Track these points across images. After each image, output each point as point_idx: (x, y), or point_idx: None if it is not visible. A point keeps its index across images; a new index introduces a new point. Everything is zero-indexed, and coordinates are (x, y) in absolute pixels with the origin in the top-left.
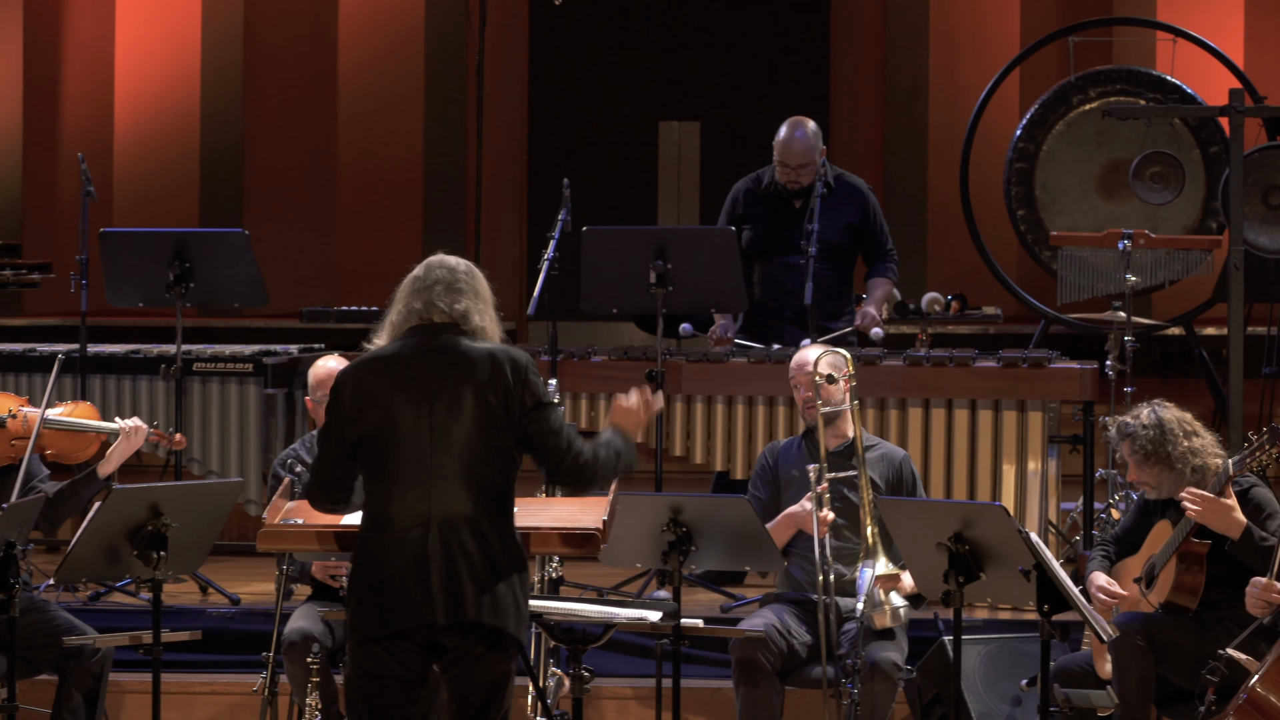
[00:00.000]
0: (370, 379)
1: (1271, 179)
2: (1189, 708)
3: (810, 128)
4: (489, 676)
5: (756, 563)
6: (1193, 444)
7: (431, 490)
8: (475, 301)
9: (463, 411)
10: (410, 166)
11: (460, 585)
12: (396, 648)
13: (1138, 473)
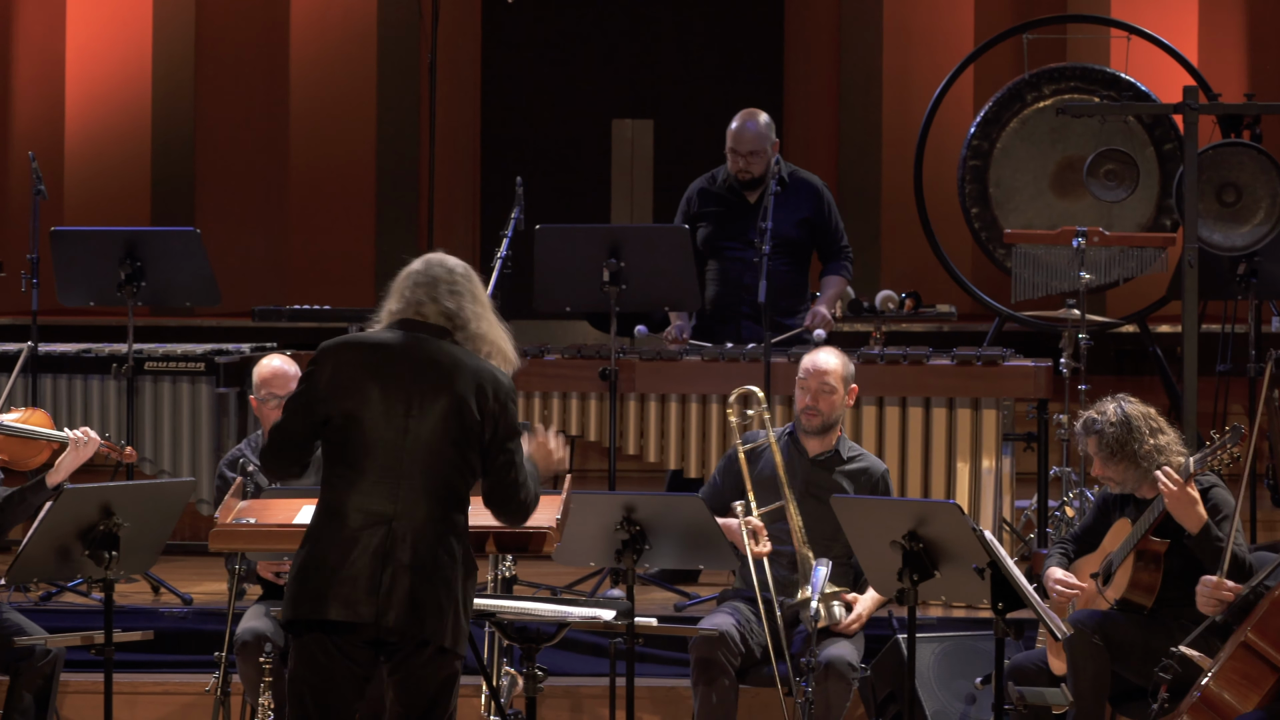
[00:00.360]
0: (351, 362)
1: (1226, 176)
2: (1144, 705)
3: (762, 119)
4: (435, 680)
5: (710, 561)
6: (1158, 441)
7: (398, 494)
8: (475, 305)
9: (437, 418)
10: (363, 165)
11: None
12: (342, 642)
13: (1102, 468)
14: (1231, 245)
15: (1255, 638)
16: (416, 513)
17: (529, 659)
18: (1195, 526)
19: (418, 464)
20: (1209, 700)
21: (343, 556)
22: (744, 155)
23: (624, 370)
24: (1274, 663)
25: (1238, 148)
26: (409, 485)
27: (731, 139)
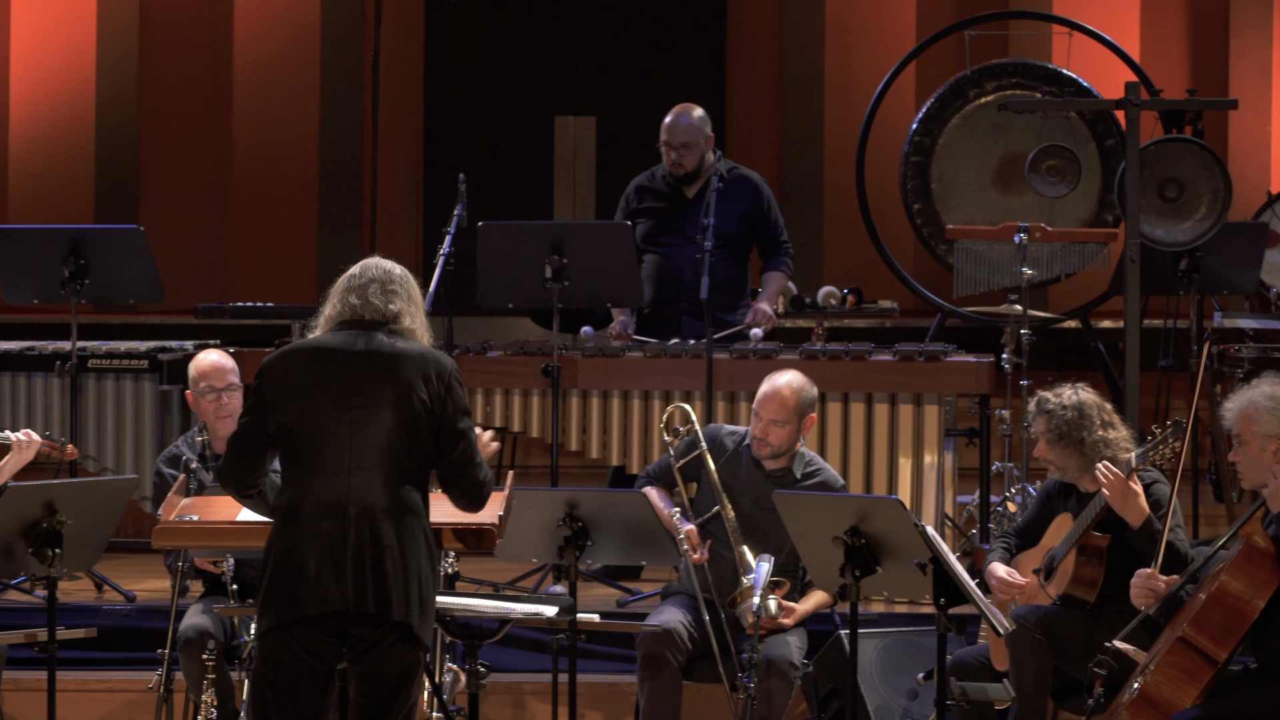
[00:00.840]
0: (293, 368)
1: (1168, 172)
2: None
3: (696, 113)
4: (396, 668)
5: (653, 557)
6: (1107, 435)
7: (349, 482)
8: (408, 304)
9: (383, 408)
10: (306, 163)
11: (370, 577)
12: (306, 636)
13: (1047, 450)
14: (1173, 241)
15: (1192, 632)
16: (371, 496)
17: (471, 655)
18: (1137, 520)
19: (370, 453)
20: (1148, 696)
21: (305, 553)
22: (676, 148)
23: (566, 367)
24: (1211, 656)
25: (1180, 143)
26: (361, 472)
27: (665, 132)
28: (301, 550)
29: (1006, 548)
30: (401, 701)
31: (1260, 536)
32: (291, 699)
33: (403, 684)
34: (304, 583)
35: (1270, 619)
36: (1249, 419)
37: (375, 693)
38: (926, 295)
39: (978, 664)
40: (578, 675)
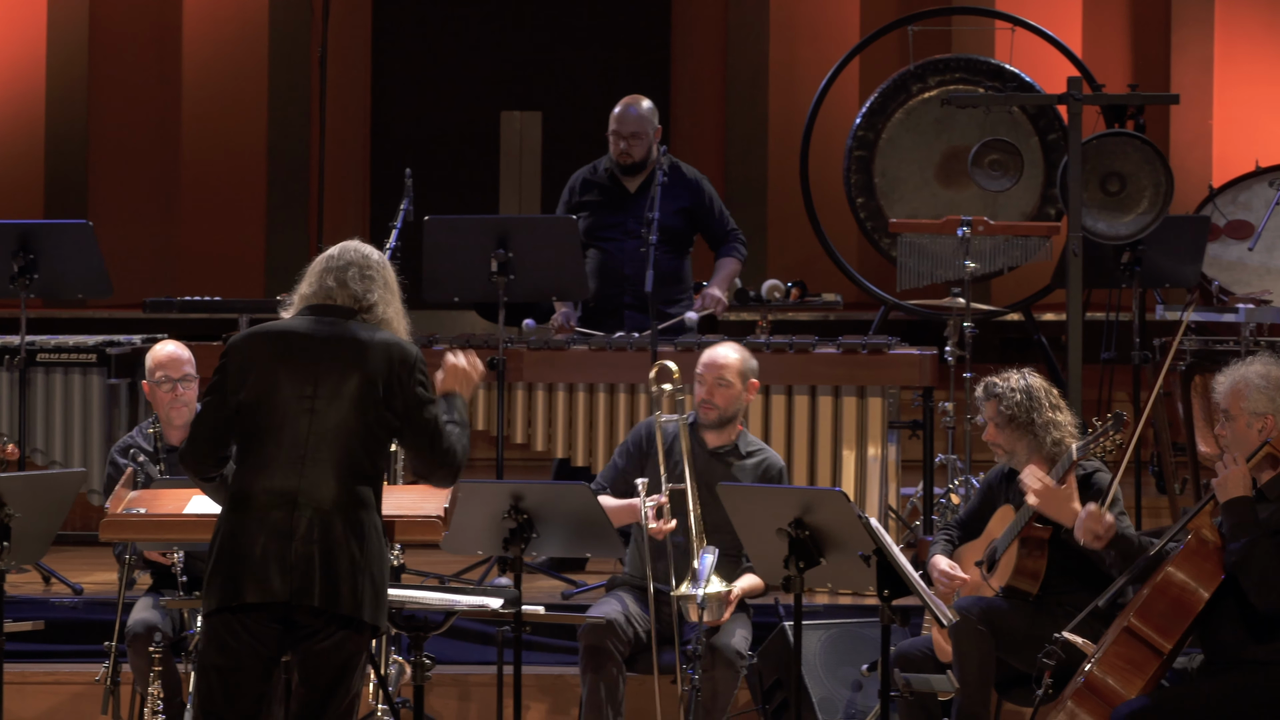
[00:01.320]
0: (258, 350)
1: (1109, 166)
2: (1029, 691)
3: (644, 103)
4: (339, 658)
5: (597, 549)
6: (1055, 417)
7: (303, 471)
8: (384, 291)
9: (344, 397)
10: (254, 157)
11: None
12: (249, 621)
13: (996, 434)
14: (1115, 234)
15: (1138, 623)
16: (323, 489)
17: (416, 647)
18: (1070, 522)
19: (325, 443)
20: (1093, 686)
21: (252, 539)
22: (626, 138)
23: (512, 360)
24: (1156, 647)
25: (1121, 138)
26: (315, 463)
27: (614, 121)
28: (249, 536)
29: (949, 540)
30: (344, 692)
31: (1208, 529)
32: (236, 681)
33: (345, 674)
34: (249, 569)
35: (1217, 610)
36: (1239, 394)
37: (317, 682)
38: (870, 288)
39: (921, 655)
40: (523, 667)
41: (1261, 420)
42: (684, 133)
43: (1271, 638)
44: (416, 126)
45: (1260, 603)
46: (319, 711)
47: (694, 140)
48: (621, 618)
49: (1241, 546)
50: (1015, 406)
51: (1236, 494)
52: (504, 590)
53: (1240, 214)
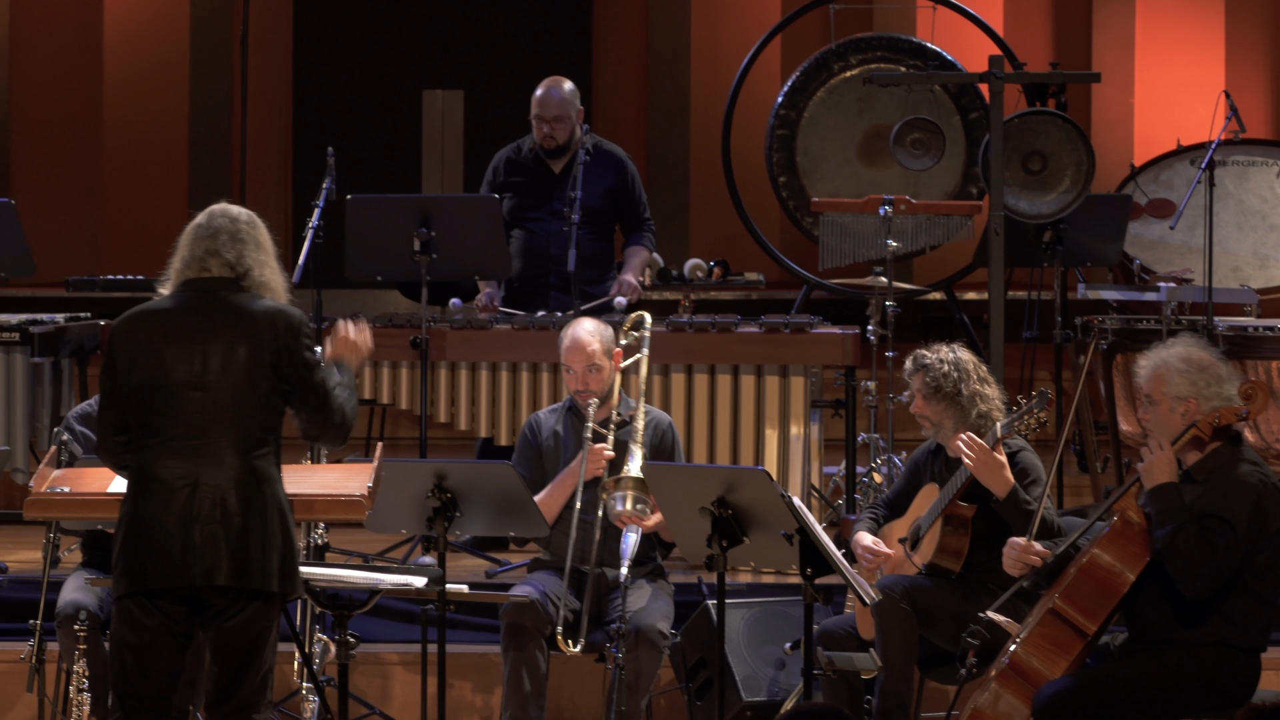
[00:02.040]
0: (142, 332)
1: (1031, 145)
2: (952, 670)
3: (567, 86)
4: (248, 635)
5: (521, 528)
6: (984, 390)
7: (200, 450)
8: (257, 253)
9: (234, 370)
10: (176, 135)
11: (222, 549)
12: (160, 602)
13: (924, 406)
14: (1037, 213)
15: (1063, 604)
16: (222, 466)
17: (341, 626)
18: (1003, 491)
19: (220, 417)
20: (1017, 666)
21: (155, 523)
22: (549, 121)
23: (435, 339)
24: (1081, 629)
25: (1043, 116)
26: (213, 440)
27: (536, 105)
28: (152, 520)
29: (874, 518)
30: (257, 666)
31: (1134, 511)
32: (150, 658)
33: (256, 649)
34: (153, 554)
35: (1142, 591)
36: (1161, 379)
37: (230, 659)
38: (792, 268)
39: (844, 634)
40: (447, 646)
41: (1184, 404)
42: (606, 112)
43: (1196, 621)
44: (339, 105)
45: (1187, 589)
46: (233, 688)
47: (616, 119)
48: (545, 597)
49: (1167, 533)
50: (943, 378)
51: (1162, 480)
52: (428, 569)
53: (1162, 193)
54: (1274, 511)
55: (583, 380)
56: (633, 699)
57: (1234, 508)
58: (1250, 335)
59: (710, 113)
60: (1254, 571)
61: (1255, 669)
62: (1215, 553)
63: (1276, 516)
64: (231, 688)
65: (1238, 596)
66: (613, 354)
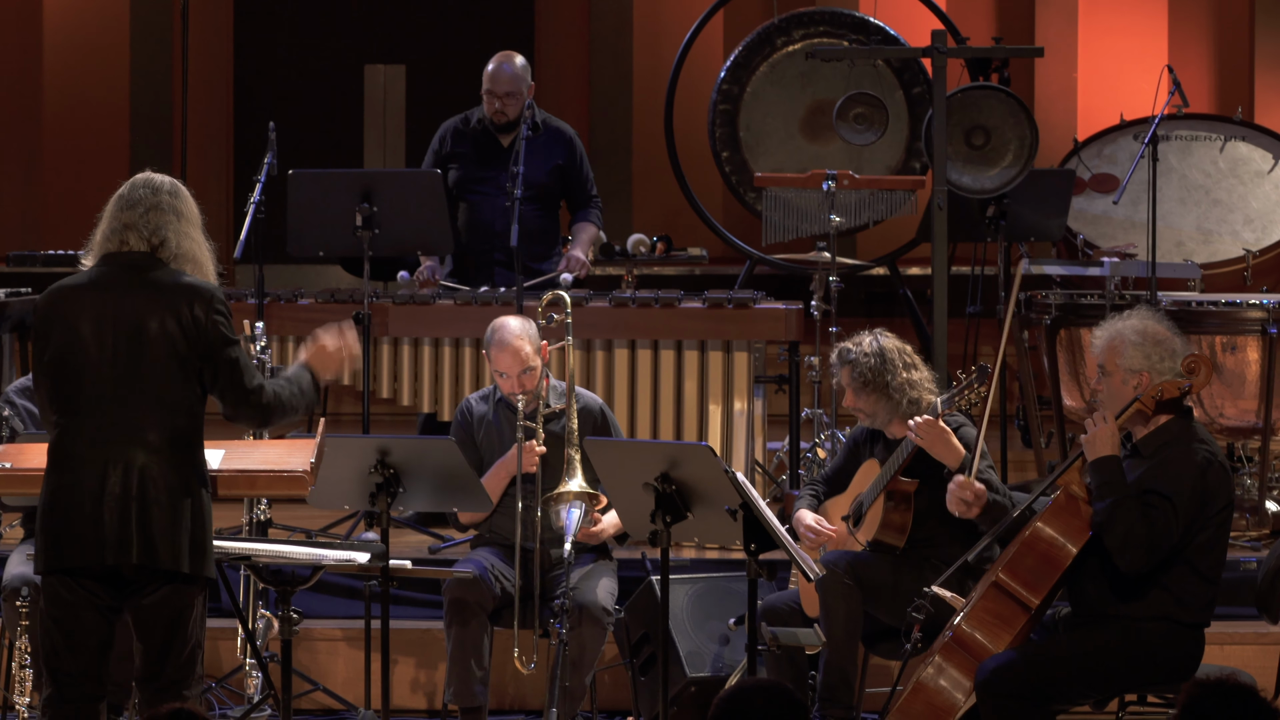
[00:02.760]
0: (59, 308)
1: (974, 119)
2: (896, 645)
3: (519, 60)
4: (167, 614)
5: (464, 504)
6: (911, 376)
7: (113, 425)
8: (178, 223)
9: (149, 345)
10: (116, 110)
11: (135, 527)
12: (81, 579)
13: (854, 399)
14: (980, 188)
15: (1006, 578)
16: (136, 444)
17: (284, 602)
18: (955, 461)
19: (136, 396)
20: (961, 640)
21: (69, 500)
22: (500, 96)
23: (377, 314)
24: (1024, 602)
25: (986, 91)
26: (127, 417)
27: (488, 80)
28: (67, 497)
29: (814, 495)
30: (181, 643)
31: (1077, 485)
32: (77, 633)
33: (179, 625)
34: (69, 532)
35: (1083, 565)
36: (1115, 350)
37: (152, 637)
38: (735, 243)
39: (788, 609)
40: (390, 621)
41: (1137, 377)
42: (548, 86)
43: (1135, 595)
44: (280, 79)
45: (1123, 563)
46: (159, 665)
47: (558, 93)
48: (487, 572)
49: (1106, 506)
50: (870, 370)
51: (1104, 453)
52: (370, 545)
53: (1105, 167)
54: (1218, 491)
55: (518, 384)
56: (577, 675)
57: (1177, 485)
58: (1194, 310)
59: (653, 88)
60: (1197, 549)
61: (1199, 644)
62: (1153, 529)
63: (1220, 496)
64: (158, 665)
65: (1181, 573)
66: (540, 349)
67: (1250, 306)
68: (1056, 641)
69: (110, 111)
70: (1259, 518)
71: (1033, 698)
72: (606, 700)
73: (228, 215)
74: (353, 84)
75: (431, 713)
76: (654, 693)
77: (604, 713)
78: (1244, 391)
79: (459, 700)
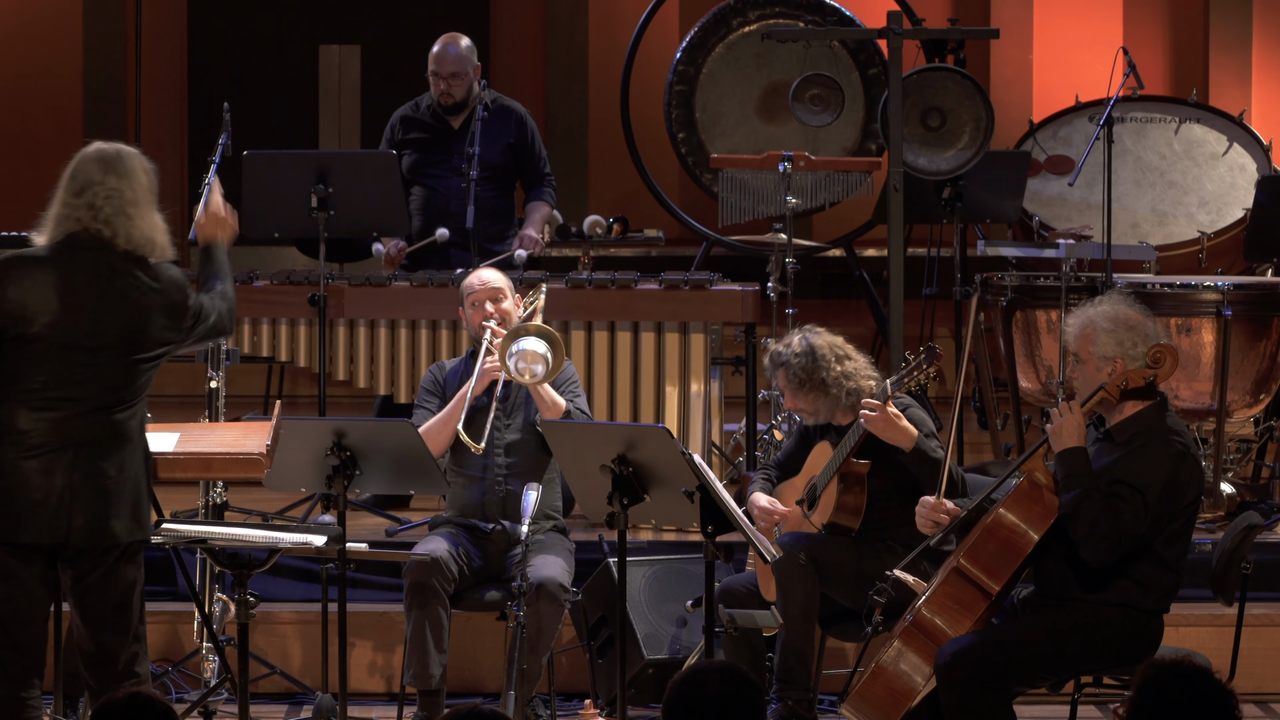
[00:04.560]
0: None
1: (930, 101)
2: (854, 626)
3: (463, 42)
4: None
5: (421, 486)
6: (845, 368)
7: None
8: (128, 203)
9: (98, 325)
10: (68, 90)
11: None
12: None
13: (793, 400)
14: (936, 169)
15: (967, 563)
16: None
17: (241, 585)
18: (908, 444)
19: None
20: (921, 625)
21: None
22: (445, 78)
23: (333, 296)
24: (985, 588)
25: (942, 73)
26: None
27: (433, 62)
28: (11, 472)
29: (768, 478)
30: (126, 619)
31: (1041, 473)
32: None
33: (125, 602)
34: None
35: (1048, 546)
36: (1087, 338)
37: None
38: (692, 224)
39: (745, 591)
40: (348, 605)
41: (1111, 364)
42: (503, 66)
43: (1097, 582)
44: (234, 60)
45: (1087, 554)
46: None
47: (513, 74)
48: (446, 554)
49: (1073, 498)
50: (803, 370)
51: (1070, 444)
52: (327, 527)
53: (1061, 149)
54: (1189, 484)
55: (483, 310)
56: (534, 656)
57: (1149, 478)
58: (1149, 292)
59: (609, 68)
60: (1164, 539)
61: (1158, 630)
62: (1119, 522)
63: (1191, 489)
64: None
65: (1145, 562)
66: (515, 295)
67: (1205, 289)
68: (1015, 625)
69: (62, 91)
70: (1214, 500)
71: (992, 680)
72: (564, 683)
73: (182, 196)
74: (308, 64)
75: (390, 695)
76: (611, 675)
77: (561, 695)
78: (1199, 374)
79: (417, 683)
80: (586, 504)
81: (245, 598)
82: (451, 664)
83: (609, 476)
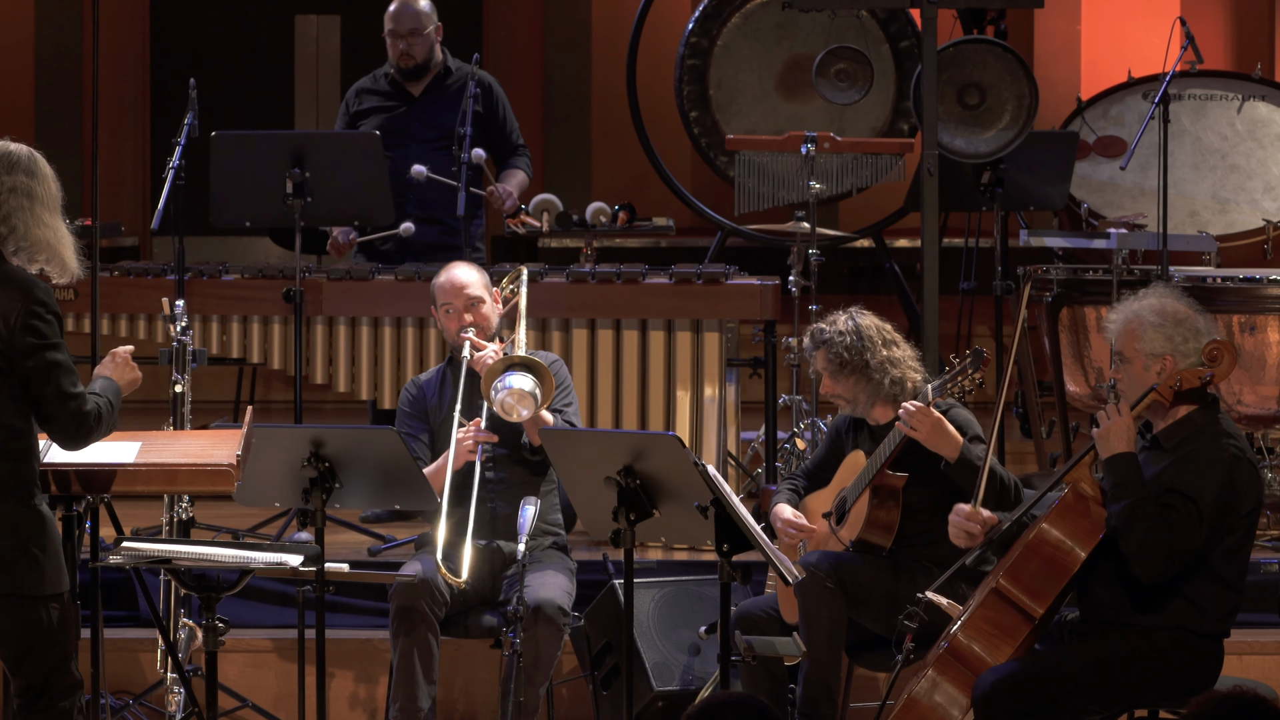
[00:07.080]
0: None
1: (968, 76)
2: (884, 655)
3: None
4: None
5: (408, 500)
6: (892, 354)
7: None
8: (31, 206)
9: None
10: (21, 67)
11: None
12: None
13: (833, 384)
14: (975, 152)
15: (1007, 584)
16: None
17: (209, 609)
18: (954, 453)
19: None
20: (957, 652)
21: None
22: (404, 36)
23: (310, 291)
24: (1027, 611)
25: (981, 45)
26: None
27: (390, 20)
28: None
29: (794, 489)
30: (37, 660)
31: (1087, 483)
32: None
33: (35, 644)
34: None
35: (1095, 567)
36: (1133, 334)
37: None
38: (705, 212)
39: (765, 616)
40: (326, 631)
41: (1160, 361)
42: (499, 41)
43: (1151, 603)
44: (201, 32)
45: (1140, 571)
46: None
47: (510, 49)
48: (436, 575)
49: (1123, 509)
50: (846, 350)
51: (1119, 449)
52: (304, 546)
53: (1111, 129)
54: (1247, 491)
55: (460, 318)
56: (531, 688)
57: (1202, 485)
58: (1209, 287)
59: (614, 41)
60: (1222, 554)
61: (1218, 656)
62: (1174, 535)
63: (1249, 497)
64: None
65: (1202, 580)
66: (493, 292)
67: (1271, 283)
68: (1061, 653)
69: (13, 67)
70: None
71: (1035, 714)
72: (565, 716)
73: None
74: (282, 36)
75: None
76: (617, 708)
77: None
78: (1264, 377)
79: (404, 717)
80: (590, 520)
81: (214, 623)
82: (441, 696)
83: (614, 490)
